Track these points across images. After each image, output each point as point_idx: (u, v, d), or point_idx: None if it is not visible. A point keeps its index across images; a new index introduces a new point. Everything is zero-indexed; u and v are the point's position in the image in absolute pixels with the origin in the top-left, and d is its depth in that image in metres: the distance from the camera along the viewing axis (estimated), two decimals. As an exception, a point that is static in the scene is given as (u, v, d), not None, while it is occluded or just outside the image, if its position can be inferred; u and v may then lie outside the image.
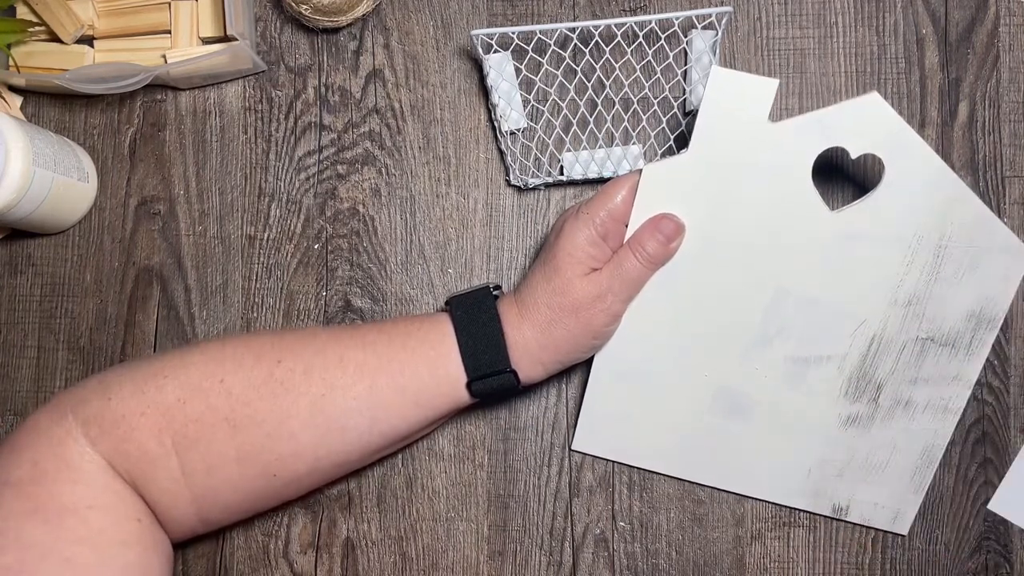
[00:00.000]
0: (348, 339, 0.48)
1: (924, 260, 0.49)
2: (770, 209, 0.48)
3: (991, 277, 0.49)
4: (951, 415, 0.52)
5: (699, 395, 0.53)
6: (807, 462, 0.54)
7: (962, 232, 0.48)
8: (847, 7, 0.57)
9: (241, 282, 0.58)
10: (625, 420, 0.54)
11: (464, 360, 0.47)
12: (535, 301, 0.47)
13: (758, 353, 0.51)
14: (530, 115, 0.57)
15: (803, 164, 0.47)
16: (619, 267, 0.47)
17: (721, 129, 0.47)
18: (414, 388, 0.47)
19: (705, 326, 0.51)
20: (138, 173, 0.59)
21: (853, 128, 0.46)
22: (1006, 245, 0.49)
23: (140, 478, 0.45)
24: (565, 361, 0.49)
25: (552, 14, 0.58)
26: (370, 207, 0.58)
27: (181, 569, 0.57)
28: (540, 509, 0.56)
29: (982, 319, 0.50)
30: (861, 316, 0.50)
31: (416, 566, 0.56)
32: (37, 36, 0.59)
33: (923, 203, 0.48)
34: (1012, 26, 0.57)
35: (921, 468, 0.53)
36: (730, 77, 0.46)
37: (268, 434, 0.45)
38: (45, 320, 0.59)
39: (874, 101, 0.46)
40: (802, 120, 0.46)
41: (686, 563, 0.56)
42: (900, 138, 0.47)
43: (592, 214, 0.47)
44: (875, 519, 0.55)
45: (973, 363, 0.51)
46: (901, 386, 0.52)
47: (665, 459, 0.55)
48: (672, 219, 0.48)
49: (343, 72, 0.59)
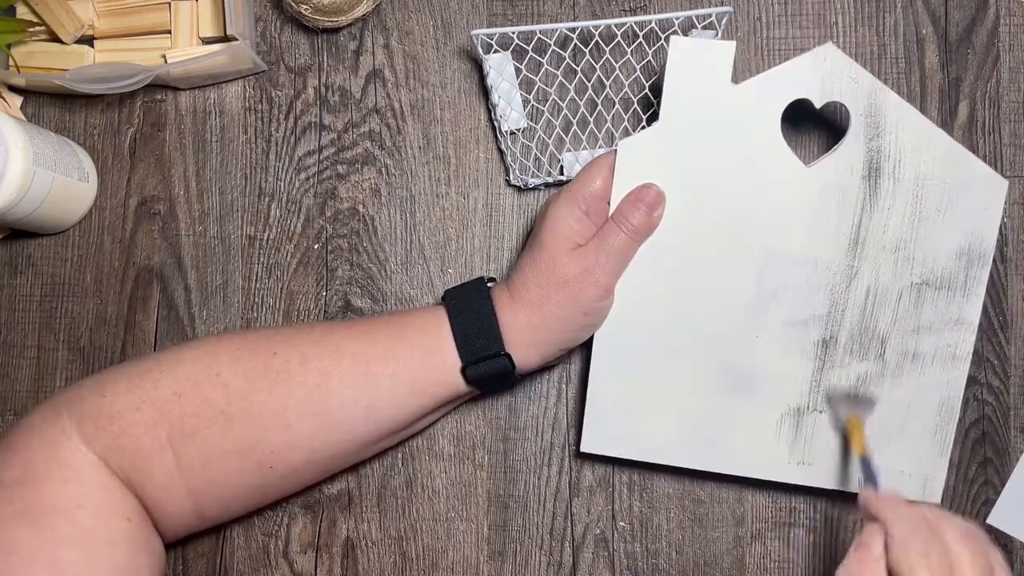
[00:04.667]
0: (344, 330, 0.48)
1: (904, 202, 0.50)
2: (745, 170, 0.49)
3: (972, 211, 0.50)
4: (960, 362, 0.52)
5: (704, 375, 0.52)
6: (824, 434, 0.52)
7: (936, 169, 0.49)
8: (847, 7, 0.57)
9: (241, 282, 0.58)
10: (631, 414, 0.52)
11: (458, 345, 0.47)
12: (524, 282, 0.48)
13: (757, 321, 0.51)
14: (530, 115, 0.57)
15: (771, 121, 0.48)
16: (604, 240, 0.48)
17: (687, 96, 0.48)
18: (409, 376, 0.47)
19: (700, 301, 0.51)
20: (138, 173, 0.59)
21: (813, 79, 0.48)
22: (981, 176, 0.49)
23: (135, 474, 0.45)
24: (558, 342, 0.48)
25: (552, 14, 0.58)
26: (370, 207, 0.58)
27: (181, 569, 0.57)
28: (540, 509, 0.56)
29: (972, 256, 0.50)
30: (853, 268, 0.50)
31: (416, 566, 0.56)
32: (37, 36, 0.59)
33: (892, 144, 0.49)
34: (1012, 26, 0.57)
35: (941, 426, 0.52)
36: (689, 44, 0.48)
37: (264, 426, 0.46)
38: (45, 320, 0.59)
39: (829, 50, 0.47)
40: (763, 77, 0.48)
41: (686, 563, 0.56)
42: (860, 83, 0.48)
43: (574, 193, 0.48)
44: (905, 490, 0.52)
45: (972, 302, 0.51)
46: (905, 337, 0.51)
47: (675, 449, 0.53)
48: (652, 188, 0.49)
49: (343, 72, 0.59)
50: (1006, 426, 0.56)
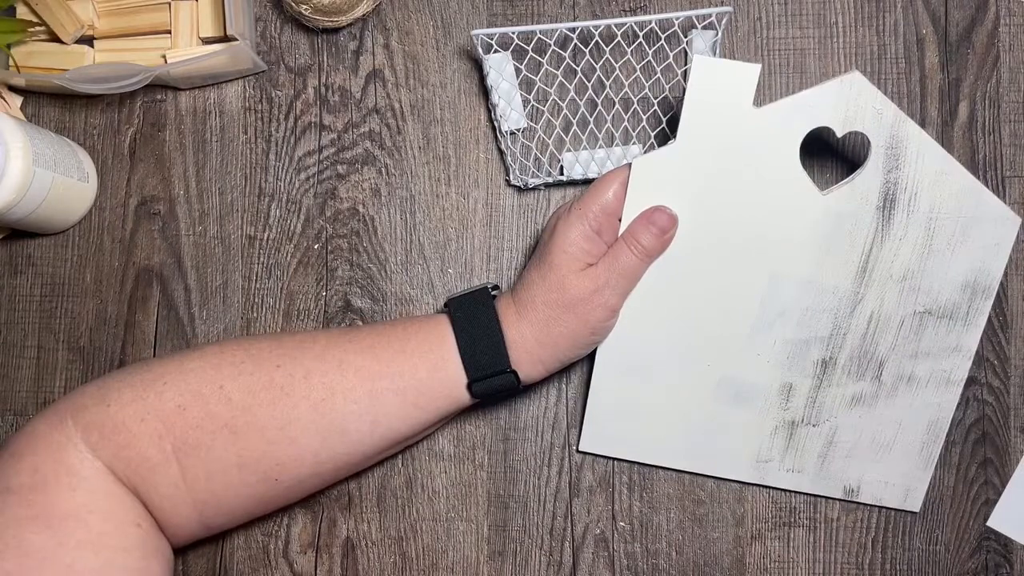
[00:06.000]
0: (347, 343, 0.48)
1: (916, 234, 0.49)
2: (761, 193, 0.49)
3: (982, 246, 0.50)
4: (954, 387, 0.52)
5: (703, 385, 0.53)
6: (815, 446, 0.54)
7: (951, 203, 0.49)
8: (847, 7, 0.57)
9: (241, 282, 0.58)
10: (630, 417, 0.54)
11: (464, 362, 0.47)
12: (532, 300, 0.47)
13: (759, 339, 0.51)
14: (530, 115, 0.57)
15: (790, 147, 0.48)
16: (615, 261, 0.47)
17: (707, 118, 0.47)
18: (414, 391, 0.47)
19: (705, 316, 0.51)
20: (138, 173, 0.59)
21: (837, 107, 0.47)
22: (995, 214, 0.49)
23: (141, 484, 0.45)
24: (564, 359, 0.49)
25: (552, 14, 0.58)
26: (370, 207, 0.58)
27: (181, 569, 0.57)
28: (540, 509, 0.56)
29: (977, 288, 0.51)
30: (858, 294, 0.51)
31: (416, 566, 0.56)
32: (37, 36, 0.59)
33: (910, 176, 0.48)
34: (1012, 26, 0.57)
35: (928, 443, 0.53)
36: (712, 65, 0.46)
37: (269, 440, 0.45)
38: (45, 320, 0.59)
39: (856, 80, 0.46)
40: (786, 103, 0.47)
41: (686, 563, 0.56)
42: (884, 115, 0.47)
43: (585, 210, 0.47)
44: (886, 498, 0.55)
45: (972, 333, 0.51)
46: (903, 361, 0.52)
47: (672, 453, 0.55)
48: (665, 211, 0.48)
49: (343, 72, 0.59)
50: (1006, 426, 0.56)
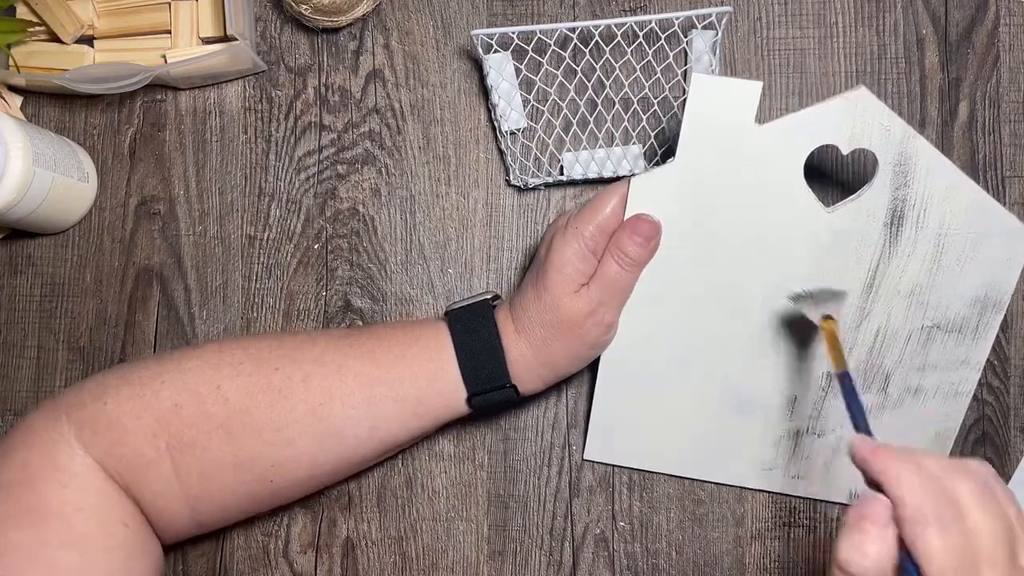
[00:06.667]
0: (347, 347, 0.48)
1: (924, 250, 0.48)
2: (764, 210, 0.48)
3: (993, 260, 0.49)
4: (962, 398, 0.52)
5: (708, 396, 0.53)
6: (821, 454, 0.53)
7: (961, 218, 0.48)
8: (847, 7, 0.57)
9: (241, 282, 0.58)
10: (634, 426, 0.54)
11: (464, 376, 0.47)
12: (528, 320, 0.47)
13: (764, 352, 0.51)
14: (530, 115, 0.57)
15: (794, 164, 0.47)
16: (604, 278, 0.47)
17: (707, 135, 0.46)
18: (413, 399, 0.47)
19: (709, 332, 0.51)
20: (138, 173, 0.59)
21: (843, 125, 0.46)
22: (1006, 227, 0.48)
23: (133, 481, 0.45)
24: (564, 373, 0.49)
25: (552, 14, 0.58)
26: (370, 207, 0.58)
27: (181, 569, 0.57)
28: (540, 509, 0.56)
29: (987, 303, 0.50)
30: (865, 309, 0.50)
31: (416, 566, 0.56)
32: (37, 36, 0.59)
33: (919, 193, 0.47)
34: (1012, 26, 0.57)
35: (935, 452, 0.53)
36: (712, 83, 0.45)
37: (266, 441, 0.45)
38: (45, 320, 0.59)
39: (862, 96, 0.45)
40: (790, 120, 0.46)
41: (686, 563, 0.56)
42: (892, 131, 0.46)
43: (581, 228, 0.46)
44: None
45: (981, 346, 0.51)
46: (909, 374, 0.51)
47: (676, 461, 0.55)
48: (647, 219, 0.47)
49: (343, 72, 0.59)
50: (1006, 426, 0.56)
